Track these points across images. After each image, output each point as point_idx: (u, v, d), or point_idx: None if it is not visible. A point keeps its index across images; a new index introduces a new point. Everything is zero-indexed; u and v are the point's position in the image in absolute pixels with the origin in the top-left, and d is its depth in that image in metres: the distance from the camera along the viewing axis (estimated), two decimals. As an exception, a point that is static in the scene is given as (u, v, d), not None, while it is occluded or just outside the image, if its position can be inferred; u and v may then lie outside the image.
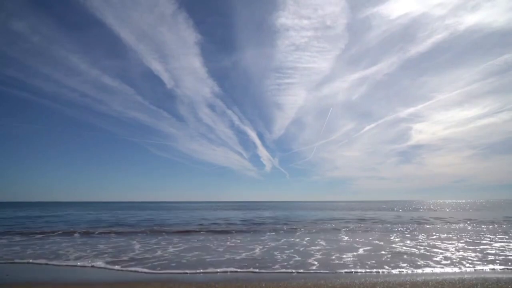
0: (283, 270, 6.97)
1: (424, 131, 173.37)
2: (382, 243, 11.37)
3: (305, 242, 11.61)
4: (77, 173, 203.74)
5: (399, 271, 6.78)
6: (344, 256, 8.66)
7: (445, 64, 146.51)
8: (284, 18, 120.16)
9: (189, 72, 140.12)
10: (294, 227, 17.87)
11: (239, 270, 6.98)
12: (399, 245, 10.64)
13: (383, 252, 9.24)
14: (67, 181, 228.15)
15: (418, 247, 10.28)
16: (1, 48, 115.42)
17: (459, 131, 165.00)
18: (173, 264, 7.73)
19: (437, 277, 6.16)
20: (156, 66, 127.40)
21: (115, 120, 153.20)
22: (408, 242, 11.53)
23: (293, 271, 6.89)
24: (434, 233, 14.62)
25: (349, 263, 7.72)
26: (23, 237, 13.44)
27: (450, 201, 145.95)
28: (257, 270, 6.95)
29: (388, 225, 19.43)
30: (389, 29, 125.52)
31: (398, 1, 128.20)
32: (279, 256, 8.62)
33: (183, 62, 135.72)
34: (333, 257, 8.47)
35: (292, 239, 12.53)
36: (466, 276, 6.27)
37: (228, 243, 11.46)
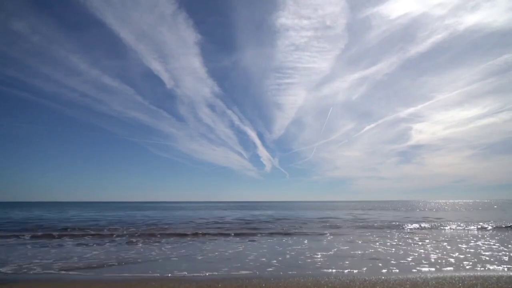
0: (227, 272, 7.13)
1: (424, 131, 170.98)
2: (360, 242, 11.47)
3: (291, 242, 11.82)
4: (77, 173, 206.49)
5: (359, 271, 6.89)
6: (314, 256, 8.77)
7: (445, 64, 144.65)
8: (284, 18, 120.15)
9: (189, 72, 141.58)
10: (288, 227, 18.10)
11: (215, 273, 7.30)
12: (378, 245, 10.69)
13: (355, 253, 9.29)
14: (67, 181, 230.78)
15: (397, 247, 10.32)
16: (1, 48, 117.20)
17: (459, 131, 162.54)
18: (112, 266, 8.13)
19: (437, 277, 6.19)
20: (156, 66, 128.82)
21: (115, 120, 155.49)
22: (389, 242, 11.56)
23: (242, 272, 6.97)
24: (424, 235, 14.55)
25: (310, 264, 7.83)
26: (25, 237, 14.20)
27: (450, 201, 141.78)
28: (211, 273, 7.25)
29: (381, 225, 19.37)
30: (389, 29, 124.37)
31: (398, 1, 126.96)
32: (250, 257, 8.83)
33: (183, 62, 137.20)
34: (301, 257, 8.64)
35: (279, 239, 12.79)
36: (466, 276, 6.27)
37: (213, 243, 11.81)
